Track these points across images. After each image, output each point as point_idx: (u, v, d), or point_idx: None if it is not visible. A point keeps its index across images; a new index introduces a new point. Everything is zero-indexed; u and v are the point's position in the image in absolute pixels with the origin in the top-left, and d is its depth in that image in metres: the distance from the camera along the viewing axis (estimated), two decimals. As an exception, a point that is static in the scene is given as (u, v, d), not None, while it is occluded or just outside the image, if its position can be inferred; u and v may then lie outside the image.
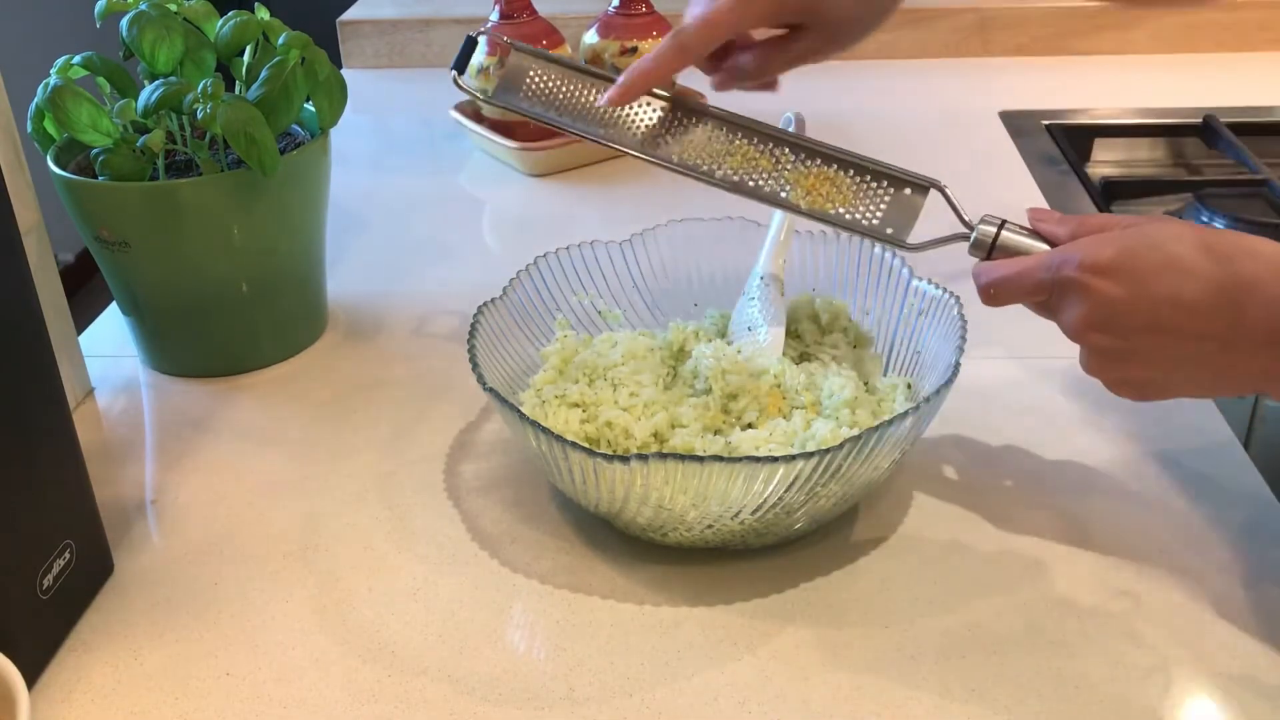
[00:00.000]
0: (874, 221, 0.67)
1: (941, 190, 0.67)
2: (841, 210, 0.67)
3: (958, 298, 0.69)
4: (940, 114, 1.31)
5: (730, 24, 0.70)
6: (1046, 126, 1.27)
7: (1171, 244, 0.56)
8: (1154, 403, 0.78)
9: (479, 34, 0.71)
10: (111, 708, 0.58)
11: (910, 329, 0.74)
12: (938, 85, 1.38)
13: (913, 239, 0.67)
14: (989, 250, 0.64)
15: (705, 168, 0.68)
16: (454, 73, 0.72)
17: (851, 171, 0.68)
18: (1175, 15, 1.46)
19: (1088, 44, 1.47)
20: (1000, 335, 0.82)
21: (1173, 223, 0.58)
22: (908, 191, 0.68)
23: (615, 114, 0.70)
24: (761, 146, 0.69)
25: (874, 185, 0.68)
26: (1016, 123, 1.28)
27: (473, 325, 0.69)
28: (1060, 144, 1.23)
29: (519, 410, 0.63)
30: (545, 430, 0.60)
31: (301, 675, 0.59)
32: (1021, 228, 0.64)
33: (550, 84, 0.71)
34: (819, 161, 0.68)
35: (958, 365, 0.64)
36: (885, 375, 0.75)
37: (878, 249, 0.76)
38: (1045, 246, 0.62)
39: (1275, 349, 0.54)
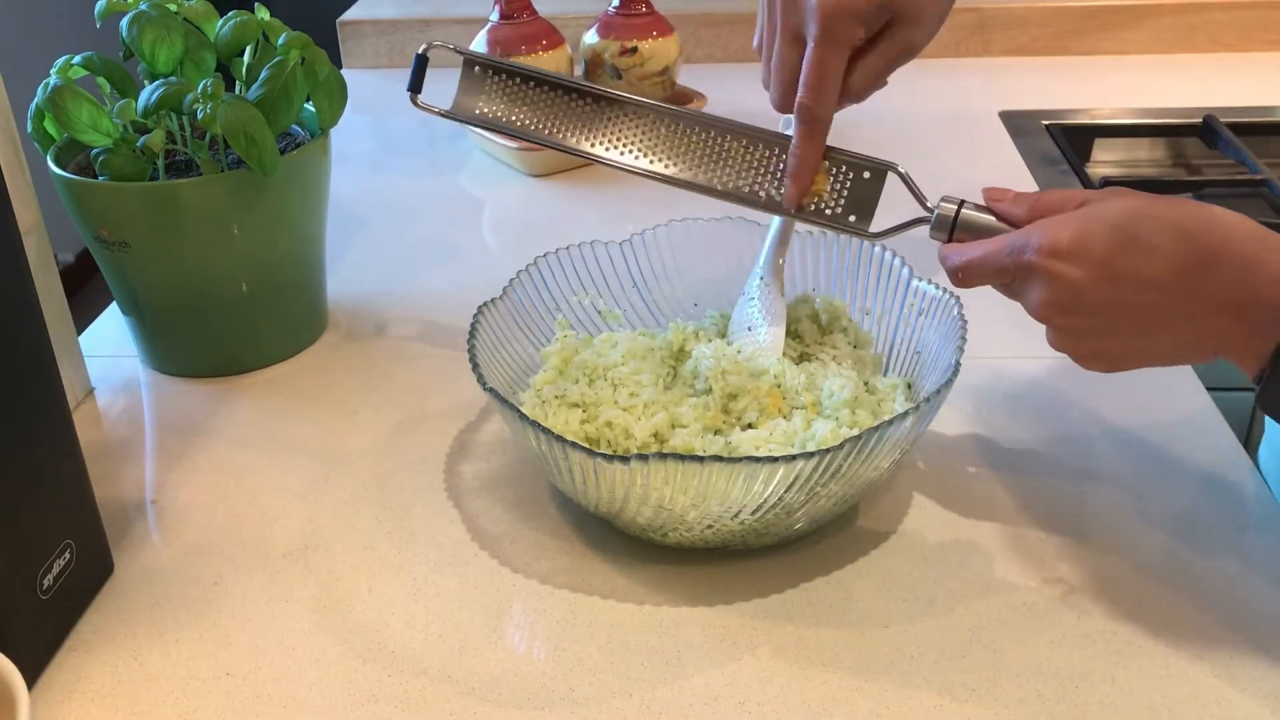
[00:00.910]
0: (836, 210, 0.68)
1: (899, 173, 0.67)
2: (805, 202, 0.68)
3: (958, 298, 0.69)
4: (940, 114, 1.31)
5: (836, 65, 0.67)
6: (1046, 126, 1.27)
7: (1130, 222, 0.57)
8: (1155, 403, 0.79)
9: (427, 50, 0.70)
10: (111, 708, 0.58)
11: (910, 329, 0.74)
12: (938, 85, 1.38)
13: (874, 227, 0.68)
14: (950, 231, 0.64)
15: (670, 169, 0.69)
16: (409, 94, 0.71)
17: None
18: (1175, 15, 1.46)
19: (1088, 44, 1.47)
20: (1000, 335, 0.82)
21: (1128, 196, 0.59)
22: (866, 176, 0.68)
23: (575, 119, 0.70)
24: (724, 141, 0.69)
25: (834, 171, 0.68)
26: (1016, 123, 1.28)
27: (473, 325, 0.69)
28: (1060, 144, 1.23)
29: (519, 410, 0.63)
30: (545, 430, 0.60)
31: (301, 675, 0.59)
32: (979, 206, 0.64)
33: (510, 92, 0.71)
34: (778, 151, 0.69)
35: (958, 365, 0.64)
36: (885, 375, 0.74)
37: (878, 249, 0.76)
38: (1006, 226, 0.63)
39: (1229, 314, 0.55)
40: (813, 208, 0.68)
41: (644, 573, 0.65)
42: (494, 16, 1.19)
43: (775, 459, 0.57)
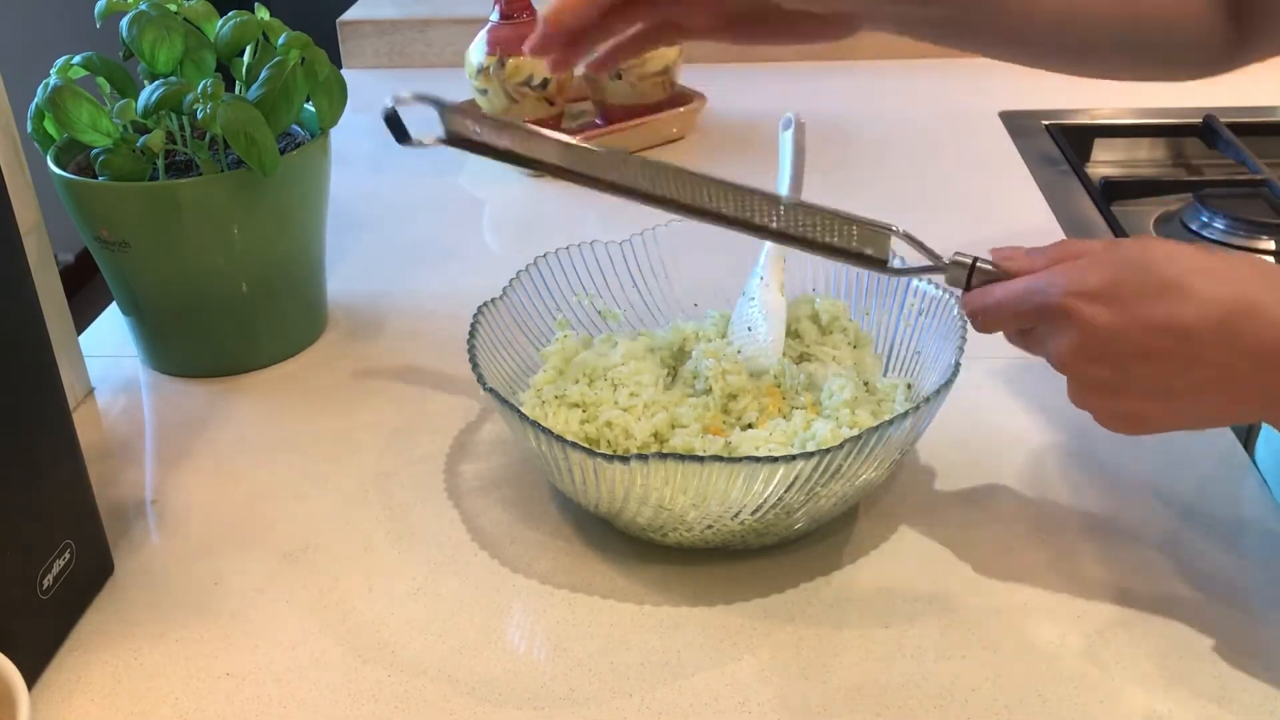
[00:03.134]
0: (850, 244, 0.63)
1: (899, 235, 0.61)
2: (820, 234, 0.63)
3: (958, 298, 0.69)
4: (940, 114, 1.31)
5: None
6: (1046, 126, 1.27)
7: (1163, 266, 0.53)
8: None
9: (394, 104, 0.69)
10: (111, 708, 0.58)
11: (910, 329, 0.74)
12: (938, 85, 1.38)
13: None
14: (967, 283, 0.60)
15: (674, 196, 0.65)
16: (399, 143, 0.70)
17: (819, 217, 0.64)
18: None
19: (1088, 44, 1.47)
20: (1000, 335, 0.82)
21: (1159, 243, 0.55)
22: (873, 233, 0.63)
23: (574, 157, 0.67)
24: (729, 196, 0.64)
25: (835, 228, 0.63)
26: (1016, 123, 1.28)
27: (473, 325, 0.69)
28: (1060, 144, 1.23)
29: (519, 410, 0.63)
30: (545, 430, 0.60)
31: (301, 675, 0.59)
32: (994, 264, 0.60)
33: (495, 138, 0.68)
34: (786, 210, 0.64)
35: (958, 365, 0.64)
36: (885, 375, 0.74)
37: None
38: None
39: (1272, 366, 0.51)
40: (825, 239, 0.63)
41: (644, 573, 0.65)
42: (494, 16, 1.19)
43: (775, 459, 0.57)
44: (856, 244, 0.63)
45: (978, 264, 0.60)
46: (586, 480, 0.61)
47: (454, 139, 0.68)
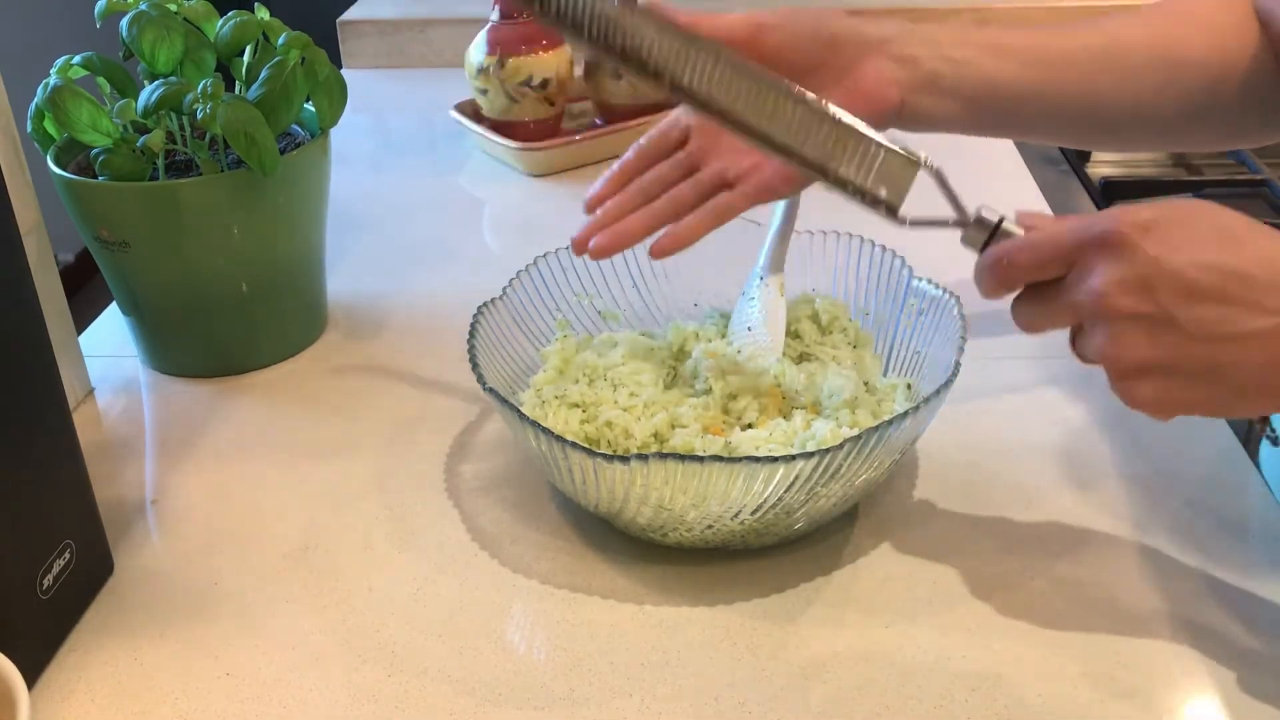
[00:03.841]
0: (865, 182, 0.59)
1: (929, 168, 0.59)
2: (838, 161, 0.59)
3: (957, 298, 0.69)
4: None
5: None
6: (1046, 126, 1.27)
7: (1216, 214, 0.50)
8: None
9: None
10: (111, 708, 0.58)
11: (910, 329, 0.74)
12: (938, 85, 1.38)
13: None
14: (985, 244, 0.57)
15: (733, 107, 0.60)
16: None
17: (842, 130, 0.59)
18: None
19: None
20: (1000, 335, 0.82)
21: (1205, 202, 0.51)
22: (895, 162, 0.59)
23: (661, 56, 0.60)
24: (770, 94, 0.59)
25: (861, 148, 0.59)
26: (1016, 123, 1.28)
27: (473, 325, 0.69)
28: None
29: (519, 410, 0.63)
30: (545, 430, 0.60)
31: (301, 675, 0.59)
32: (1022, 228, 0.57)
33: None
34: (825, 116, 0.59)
35: (958, 365, 0.64)
36: (885, 375, 0.74)
37: (877, 249, 0.76)
38: None
39: None
40: (843, 171, 0.59)
41: (644, 573, 0.65)
42: (494, 16, 1.19)
43: (775, 459, 0.57)
44: (874, 180, 0.59)
45: (1003, 226, 0.56)
46: (586, 480, 0.61)
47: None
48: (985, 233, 0.57)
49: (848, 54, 0.66)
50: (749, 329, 0.73)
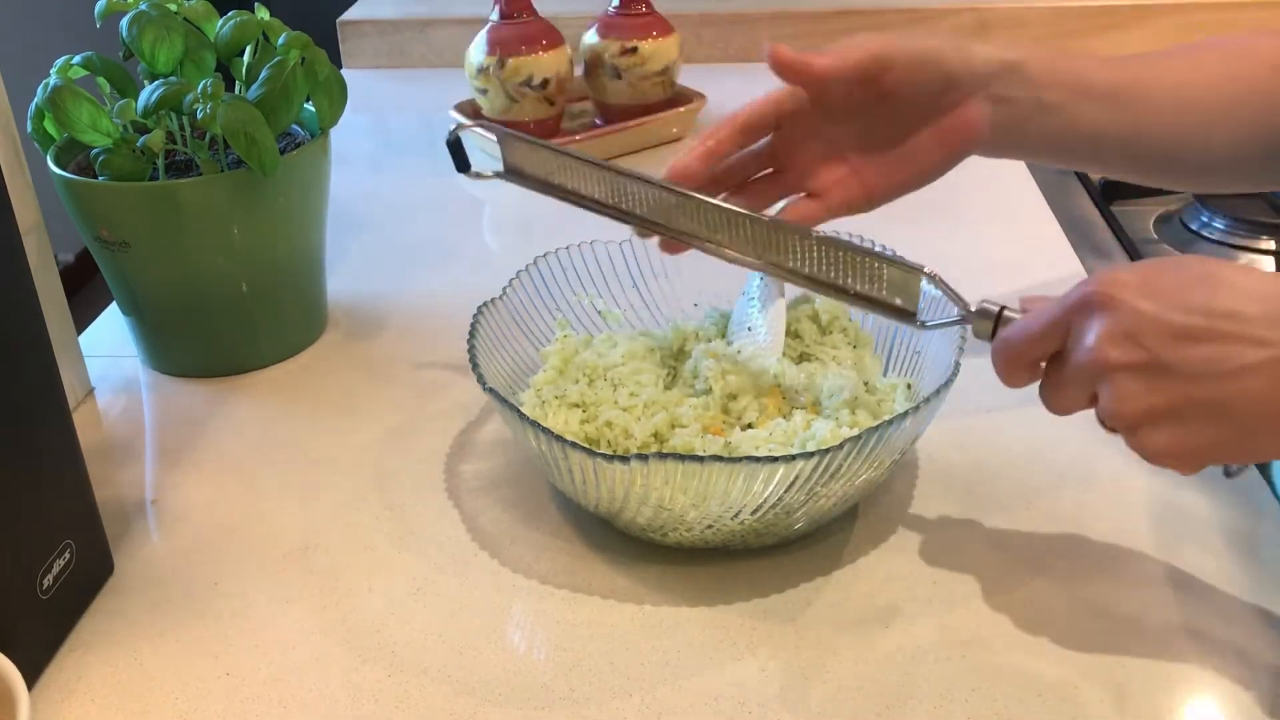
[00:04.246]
0: (880, 292, 0.65)
1: (928, 275, 0.63)
2: (852, 280, 0.65)
3: (961, 299, 0.69)
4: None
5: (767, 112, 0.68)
6: (1046, 126, 1.27)
7: (1197, 264, 0.51)
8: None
9: (455, 131, 0.69)
10: (111, 708, 0.58)
11: (910, 329, 0.73)
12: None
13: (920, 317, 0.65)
14: (992, 332, 0.59)
15: (715, 237, 0.67)
16: (461, 174, 0.70)
17: (849, 253, 0.65)
18: (1175, 15, 1.45)
19: (1088, 44, 1.47)
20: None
21: (1186, 255, 0.54)
22: (902, 275, 0.64)
23: (620, 194, 0.68)
24: (765, 231, 0.66)
25: (872, 264, 0.65)
26: (1016, 123, 1.28)
27: (473, 325, 0.69)
28: (1060, 144, 1.23)
29: (519, 410, 0.63)
30: (545, 430, 0.60)
31: (301, 675, 0.59)
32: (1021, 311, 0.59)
33: (550, 167, 0.69)
34: (816, 245, 0.66)
35: (958, 365, 0.64)
36: (885, 375, 0.74)
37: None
38: None
39: None
40: (861, 289, 0.65)
41: (644, 573, 0.65)
42: (494, 16, 1.19)
43: (775, 459, 0.57)
44: (886, 292, 0.64)
45: (1004, 313, 0.59)
46: (586, 480, 0.61)
47: (511, 171, 0.69)
48: (990, 322, 0.60)
49: (957, 95, 0.67)
50: (749, 329, 0.73)
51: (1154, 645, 0.60)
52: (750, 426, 0.68)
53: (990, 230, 1.04)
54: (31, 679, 0.59)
